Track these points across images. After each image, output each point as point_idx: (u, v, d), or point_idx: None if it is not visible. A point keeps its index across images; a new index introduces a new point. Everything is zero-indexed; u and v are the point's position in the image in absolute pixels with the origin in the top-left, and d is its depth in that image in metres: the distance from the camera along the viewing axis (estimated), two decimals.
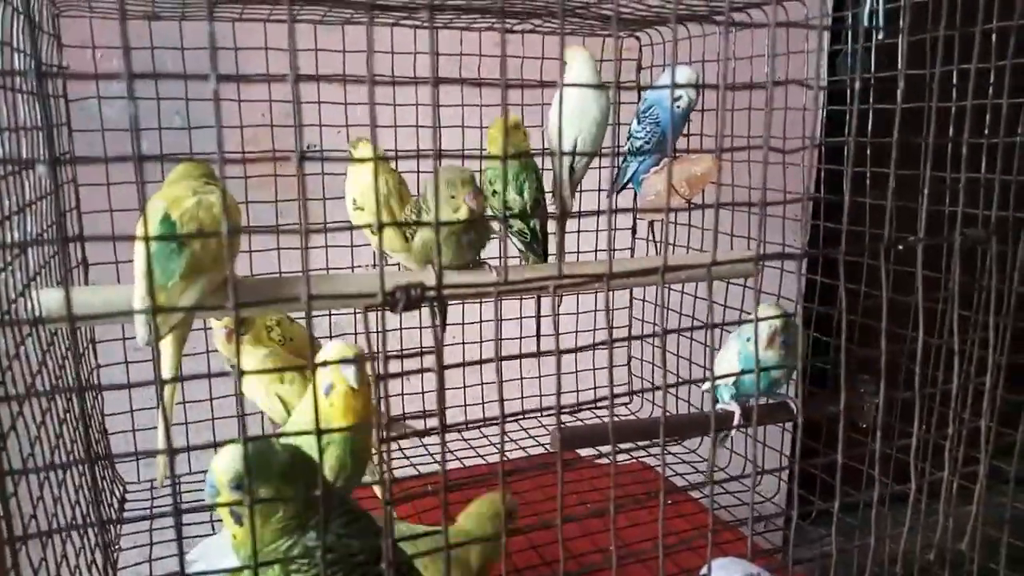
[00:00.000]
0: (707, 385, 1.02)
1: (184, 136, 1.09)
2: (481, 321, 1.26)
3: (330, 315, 1.21)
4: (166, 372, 0.85)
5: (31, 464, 0.61)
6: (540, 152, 1.06)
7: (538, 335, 1.21)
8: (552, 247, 1.03)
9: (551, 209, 1.09)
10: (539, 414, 1.26)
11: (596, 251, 1.30)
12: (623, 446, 1.18)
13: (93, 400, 0.98)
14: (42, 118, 0.37)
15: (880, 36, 0.90)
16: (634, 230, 1.34)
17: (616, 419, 1.24)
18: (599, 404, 1.32)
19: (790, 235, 1.19)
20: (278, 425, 1.00)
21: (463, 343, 1.26)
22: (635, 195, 1.17)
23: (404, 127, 1.15)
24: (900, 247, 0.53)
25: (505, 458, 0.48)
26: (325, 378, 0.74)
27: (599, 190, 1.26)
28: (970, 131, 0.64)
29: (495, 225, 0.96)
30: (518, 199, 0.97)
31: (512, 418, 0.45)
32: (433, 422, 0.46)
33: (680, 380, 1.16)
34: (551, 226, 1.05)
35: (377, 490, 1.04)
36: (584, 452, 1.22)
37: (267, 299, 0.66)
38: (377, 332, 0.41)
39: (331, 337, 1.21)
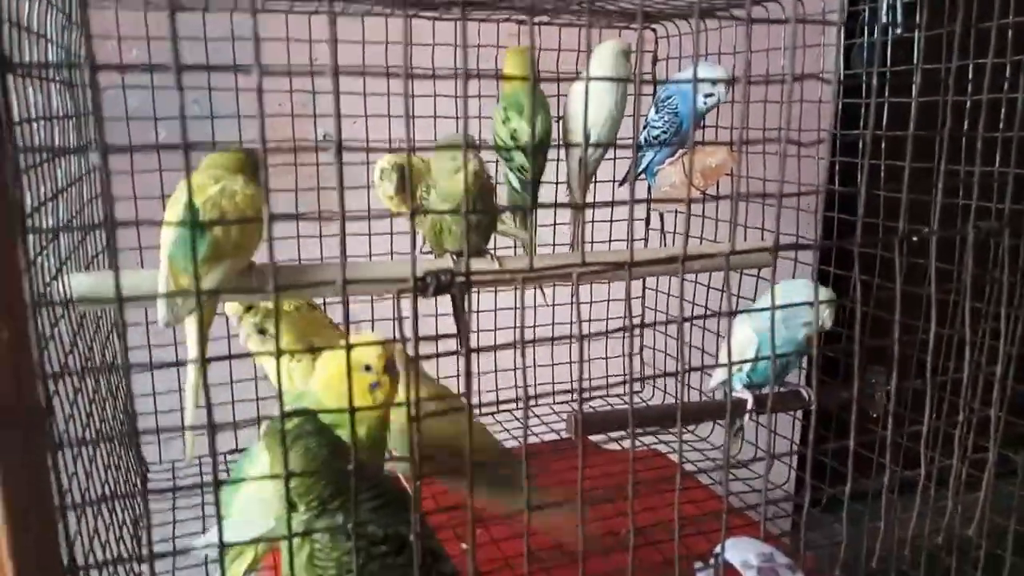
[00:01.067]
0: (716, 377, 1.03)
1: (203, 124, 1.11)
2: (496, 309, 1.28)
3: (346, 302, 1.22)
4: (191, 356, 0.87)
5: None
6: (557, 145, 1.08)
7: (553, 323, 1.22)
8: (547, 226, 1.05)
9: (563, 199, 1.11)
10: (552, 399, 1.28)
11: (610, 241, 1.32)
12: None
13: (119, 382, 1.01)
14: (94, 107, 0.39)
15: (897, 31, 0.91)
16: (647, 221, 1.35)
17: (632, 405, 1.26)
18: (611, 391, 1.34)
19: (804, 227, 1.20)
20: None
21: (477, 331, 1.27)
22: (649, 186, 1.18)
23: (422, 118, 1.16)
24: (914, 239, 0.54)
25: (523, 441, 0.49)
26: (371, 376, 0.76)
27: (613, 181, 1.27)
28: (985, 125, 0.65)
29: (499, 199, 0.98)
30: (527, 128, 0.99)
31: (532, 400, 0.47)
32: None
33: (692, 367, 1.18)
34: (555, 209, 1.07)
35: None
36: (594, 439, 1.24)
37: (303, 283, 0.68)
38: (398, 318, 0.43)
39: (347, 324, 1.23)
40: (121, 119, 1.06)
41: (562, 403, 1.32)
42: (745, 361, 0.85)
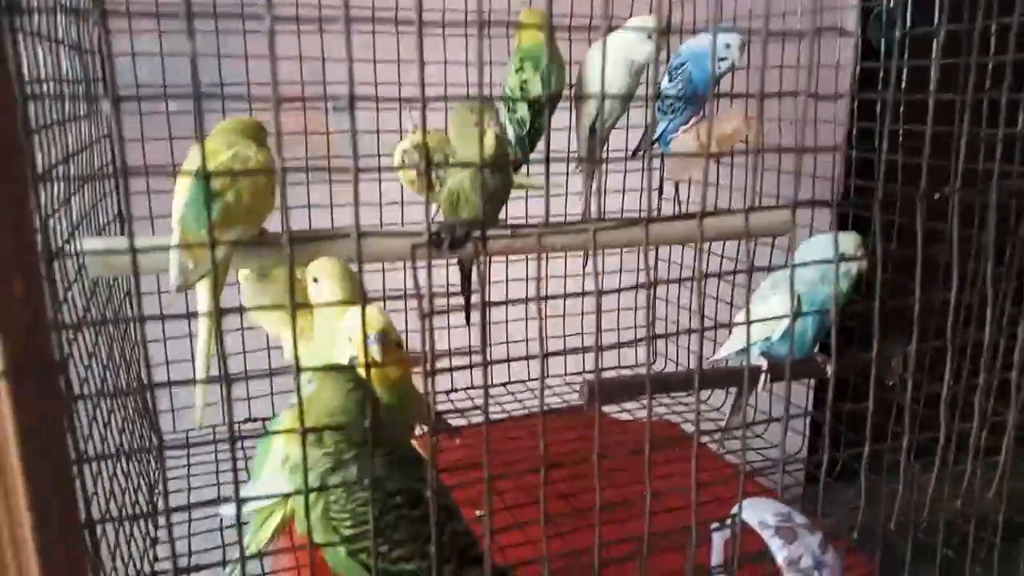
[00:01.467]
0: (728, 346, 1.01)
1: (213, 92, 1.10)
2: (507, 280, 1.27)
3: (361, 271, 1.22)
4: (203, 323, 0.87)
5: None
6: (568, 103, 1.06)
7: (564, 294, 1.21)
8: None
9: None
10: (565, 365, 1.28)
11: (622, 211, 1.31)
12: (645, 400, 1.20)
13: (132, 349, 1.01)
14: (106, 55, 0.38)
15: None
16: (660, 190, 1.34)
17: (643, 375, 1.25)
18: (625, 361, 1.34)
19: (821, 195, 1.18)
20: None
21: (488, 303, 1.27)
22: (662, 155, 1.17)
23: (432, 84, 1.15)
24: (936, 196, 0.53)
25: (541, 403, 0.49)
26: (352, 349, 0.76)
27: (626, 150, 1.26)
28: (1011, 87, 0.64)
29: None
30: (538, 83, 0.99)
31: (552, 355, 0.47)
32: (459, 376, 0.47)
33: (713, 326, 1.17)
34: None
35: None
36: (606, 410, 1.24)
37: (317, 236, 0.67)
38: (412, 268, 0.43)
39: (360, 273, 1.23)
40: (131, 86, 1.06)
41: (574, 374, 1.32)
42: (779, 318, 0.83)
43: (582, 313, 1.33)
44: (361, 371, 0.73)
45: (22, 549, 0.41)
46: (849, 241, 0.84)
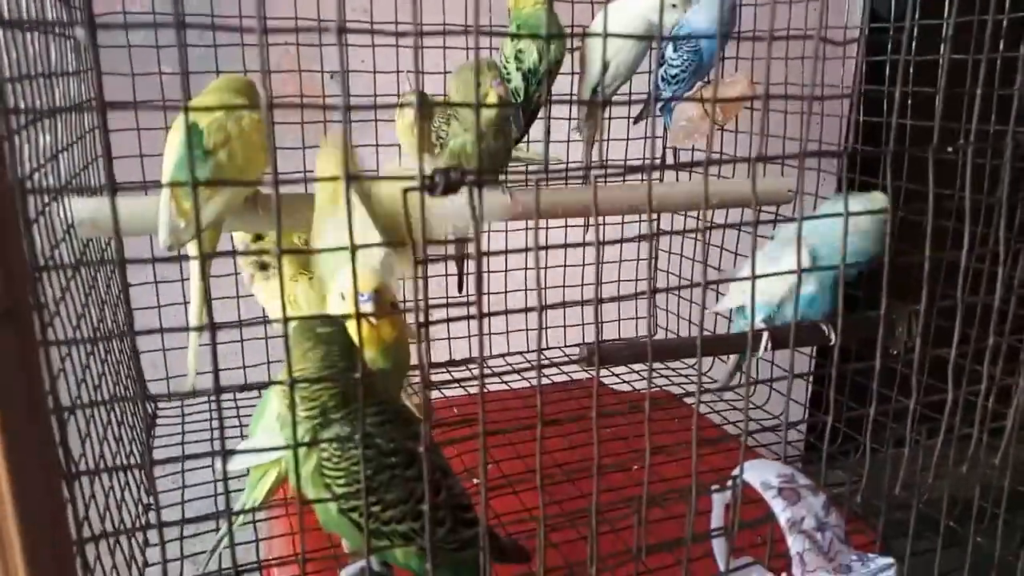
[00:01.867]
0: (727, 300, 0.99)
1: (207, 55, 1.08)
2: (506, 252, 1.25)
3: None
4: (195, 284, 0.86)
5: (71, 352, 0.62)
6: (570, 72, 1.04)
7: (565, 264, 1.20)
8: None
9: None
10: (565, 329, 1.26)
11: (624, 179, 1.29)
12: (638, 367, 1.18)
13: (125, 316, 1.00)
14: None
15: None
16: (663, 159, 1.32)
17: (644, 339, 1.23)
18: (626, 337, 1.32)
19: (825, 164, 1.16)
20: None
21: (488, 272, 1.25)
22: (664, 125, 1.14)
23: (431, 36, 1.13)
24: (949, 149, 0.52)
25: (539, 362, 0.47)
26: (346, 307, 0.74)
27: (628, 118, 1.23)
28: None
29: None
30: (535, 52, 0.96)
31: (550, 308, 0.45)
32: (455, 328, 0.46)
33: (714, 281, 1.15)
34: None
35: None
36: (603, 381, 1.23)
37: (305, 179, 0.65)
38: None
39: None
40: (123, 46, 1.04)
41: (573, 345, 1.31)
42: (786, 273, 0.80)
43: (582, 284, 1.32)
44: (353, 330, 0.72)
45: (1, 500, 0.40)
46: (879, 198, 0.80)
